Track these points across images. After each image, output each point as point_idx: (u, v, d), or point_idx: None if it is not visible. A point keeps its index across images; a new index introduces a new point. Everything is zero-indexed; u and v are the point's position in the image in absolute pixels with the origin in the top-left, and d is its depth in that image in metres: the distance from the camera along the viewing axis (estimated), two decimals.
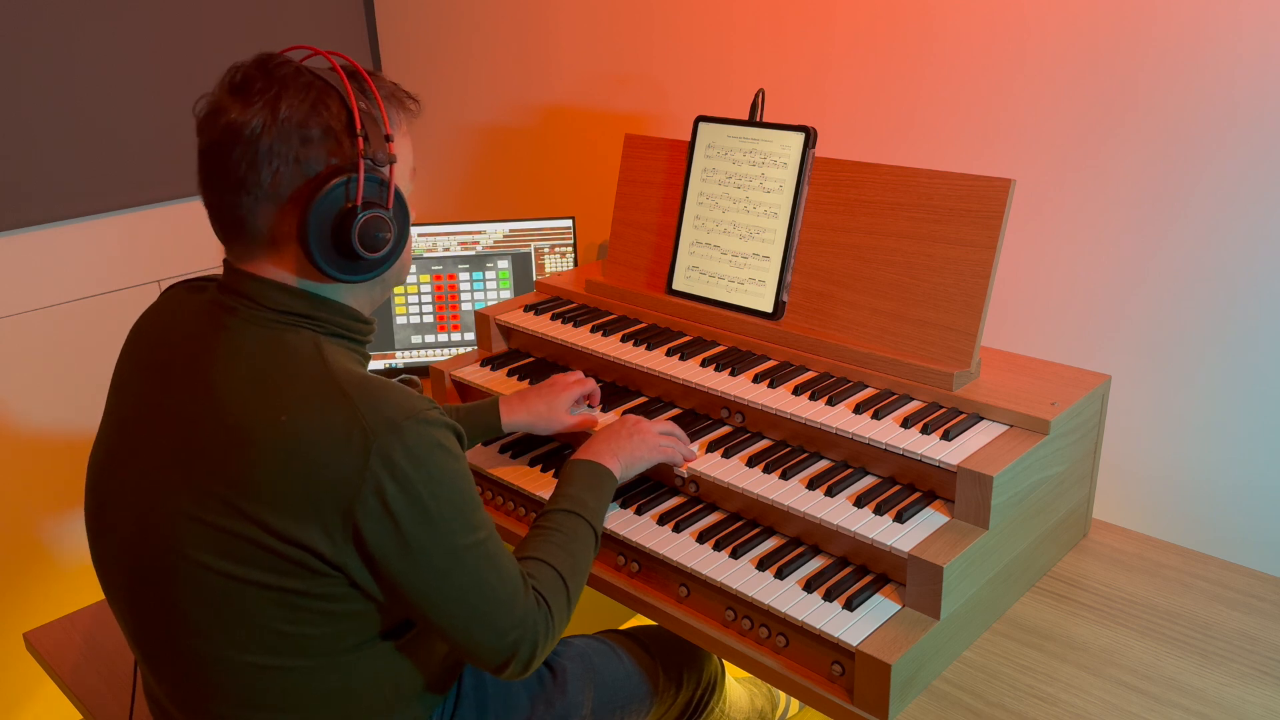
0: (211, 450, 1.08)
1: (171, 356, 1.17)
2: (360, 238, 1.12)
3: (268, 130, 1.08)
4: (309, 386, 1.08)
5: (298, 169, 1.10)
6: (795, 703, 1.89)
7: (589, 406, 1.68)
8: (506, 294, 2.37)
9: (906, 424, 1.44)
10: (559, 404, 1.62)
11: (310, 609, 1.10)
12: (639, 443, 1.48)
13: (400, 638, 1.21)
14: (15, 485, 2.42)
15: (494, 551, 1.16)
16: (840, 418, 1.47)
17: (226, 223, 1.14)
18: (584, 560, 1.32)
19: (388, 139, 1.15)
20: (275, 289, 1.14)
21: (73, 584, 2.53)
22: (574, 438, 1.71)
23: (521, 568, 1.22)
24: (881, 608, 1.30)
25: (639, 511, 1.53)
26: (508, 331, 1.96)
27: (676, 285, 1.80)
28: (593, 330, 1.82)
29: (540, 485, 1.61)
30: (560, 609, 1.23)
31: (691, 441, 1.56)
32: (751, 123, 1.72)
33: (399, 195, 1.16)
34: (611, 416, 1.66)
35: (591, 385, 1.67)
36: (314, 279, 1.15)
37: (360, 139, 1.11)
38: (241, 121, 1.08)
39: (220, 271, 1.22)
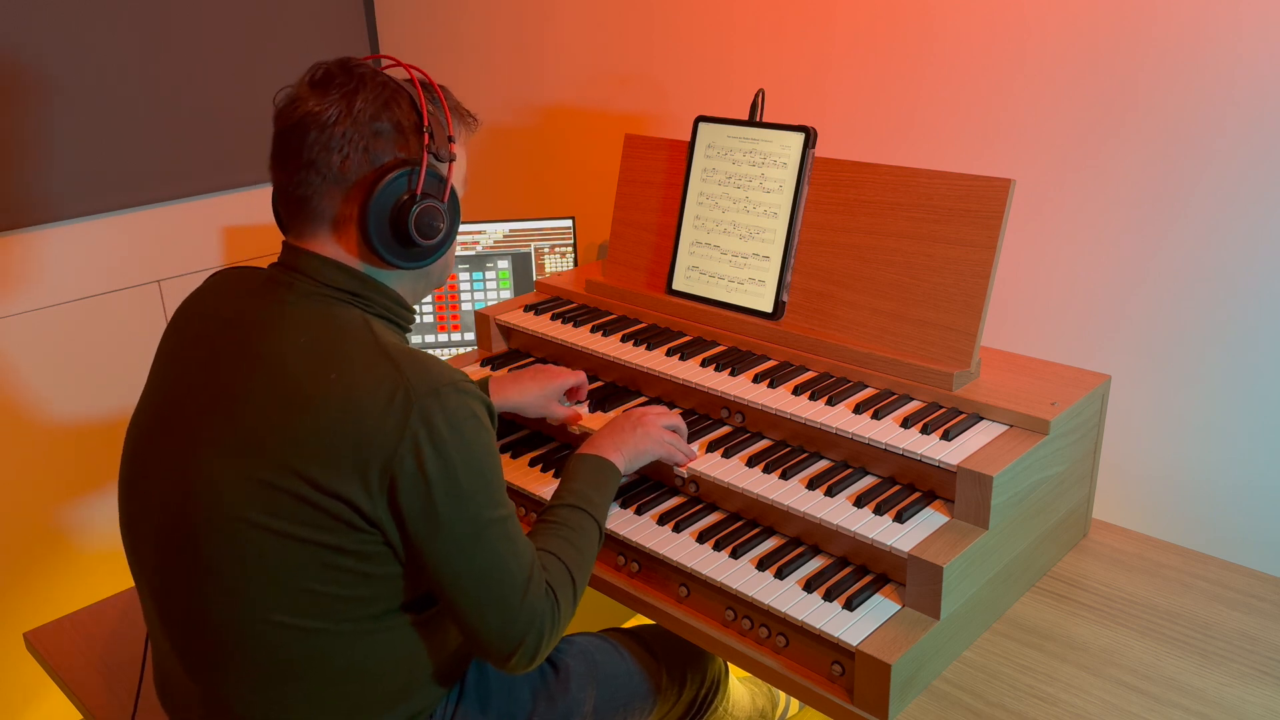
0: (262, 411, 1.13)
1: (224, 329, 1.23)
2: (416, 224, 1.20)
3: (343, 119, 1.17)
4: (358, 351, 1.15)
5: (366, 158, 1.19)
6: (795, 702, 1.89)
7: (576, 401, 1.69)
8: (506, 294, 2.37)
9: (906, 424, 1.44)
10: (551, 390, 1.66)
11: (344, 567, 1.14)
12: (643, 436, 1.49)
13: (421, 613, 1.24)
14: (16, 485, 2.42)
15: (513, 533, 1.19)
16: (840, 418, 1.47)
17: (292, 201, 1.22)
18: (590, 556, 1.33)
19: (450, 139, 1.26)
20: (331, 266, 1.22)
21: (73, 584, 2.54)
22: (572, 437, 1.71)
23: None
24: (881, 608, 1.30)
25: (639, 511, 1.53)
26: (508, 331, 1.96)
27: (676, 285, 1.80)
28: (593, 330, 1.82)
29: (540, 485, 1.61)
30: (567, 603, 1.25)
31: (691, 441, 1.56)
32: (751, 123, 1.72)
33: (454, 192, 1.26)
34: (610, 417, 1.66)
35: (583, 379, 1.69)
36: (369, 261, 1.23)
37: (426, 135, 1.21)
38: (319, 110, 1.18)
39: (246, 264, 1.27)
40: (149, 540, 1.22)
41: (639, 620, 2.10)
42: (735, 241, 1.72)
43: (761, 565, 1.38)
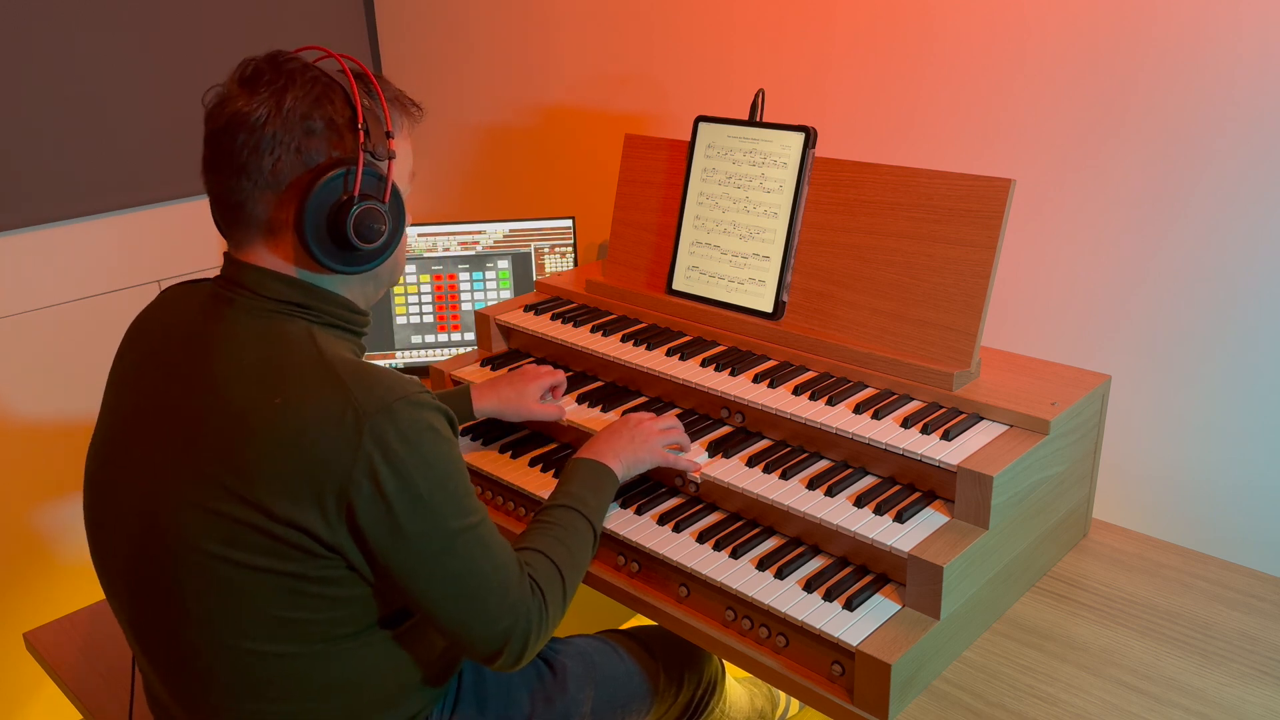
0: (210, 437, 1.10)
1: (170, 349, 1.19)
2: (355, 228, 1.14)
3: (272, 119, 1.11)
4: (303, 371, 1.10)
5: (299, 158, 1.13)
6: (795, 703, 1.89)
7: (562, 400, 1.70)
8: (506, 294, 2.37)
9: (906, 424, 1.44)
10: (528, 392, 1.66)
11: (309, 593, 1.11)
12: (640, 444, 1.48)
13: (399, 626, 1.22)
14: (16, 485, 2.42)
15: (486, 538, 1.16)
16: (840, 418, 1.47)
17: (226, 208, 1.17)
18: (581, 556, 1.32)
19: (388, 135, 1.19)
20: (272, 278, 1.16)
21: (73, 584, 2.53)
22: (573, 437, 1.71)
23: (518, 557, 1.22)
24: (881, 608, 1.30)
25: (639, 511, 1.53)
26: (508, 331, 1.96)
27: (676, 285, 1.80)
28: (593, 330, 1.82)
29: (540, 485, 1.61)
30: (555, 602, 1.23)
31: (691, 441, 1.56)
32: (751, 123, 1.72)
33: (395, 192, 1.19)
34: (611, 417, 1.66)
35: (561, 378, 1.70)
36: (309, 268, 1.18)
37: (361, 133, 1.15)
38: (247, 110, 1.12)
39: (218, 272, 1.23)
40: (118, 571, 1.21)
41: (638, 620, 2.10)
42: (735, 241, 1.72)
43: (761, 565, 1.38)
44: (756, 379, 1.59)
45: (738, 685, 1.80)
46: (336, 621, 1.15)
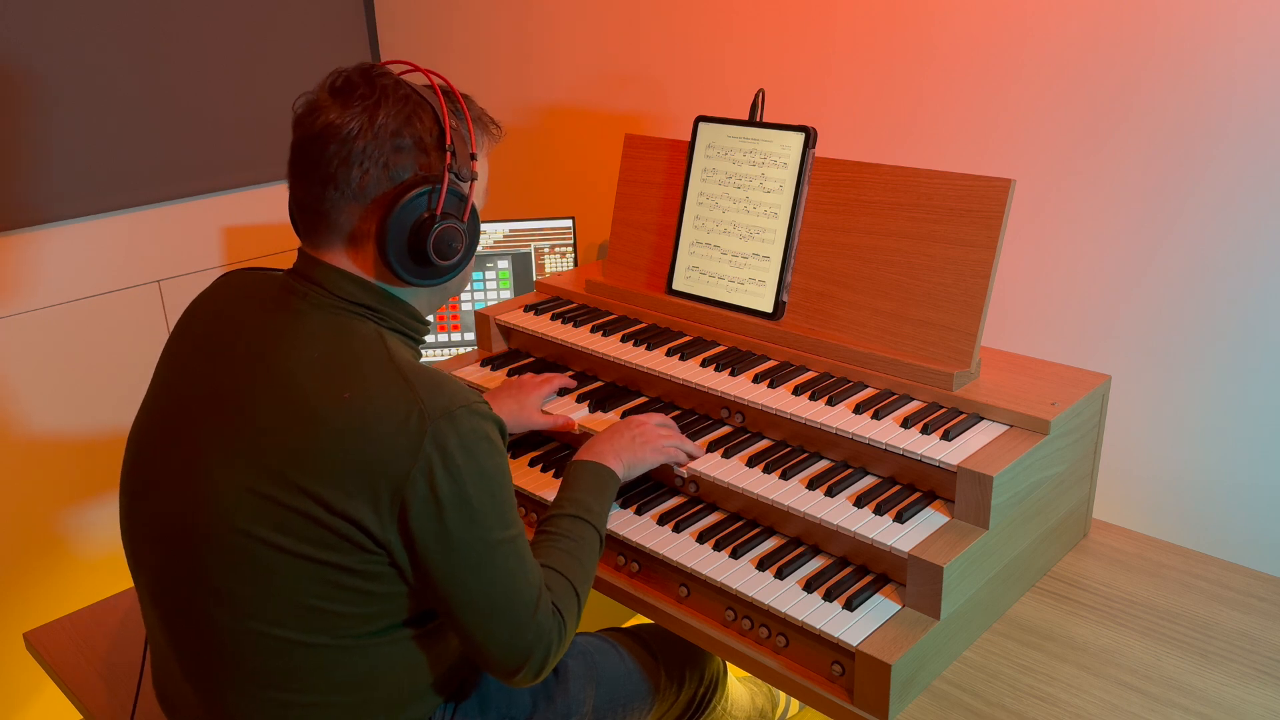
0: (273, 425, 1.12)
1: (235, 335, 1.21)
2: (435, 245, 1.18)
3: (363, 134, 1.15)
4: (373, 369, 1.13)
5: (385, 174, 1.16)
6: (795, 702, 1.89)
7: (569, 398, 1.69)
8: (506, 294, 2.37)
9: (906, 424, 1.44)
10: (529, 403, 1.65)
11: (347, 585, 1.13)
12: (641, 444, 1.48)
13: (421, 628, 1.23)
14: (16, 485, 2.42)
15: (523, 552, 1.19)
16: (840, 418, 1.47)
17: (310, 213, 1.20)
18: (591, 567, 1.33)
19: (472, 157, 1.23)
20: (347, 279, 1.20)
21: (73, 584, 2.53)
22: (571, 437, 1.71)
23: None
24: (881, 608, 1.30)
25: (639, 511, 1.53)
26: (508, 331, 1.96)
27: (676, 285, 1.80)
28: (593, 330, 1.82)
29: (540, 485, 1.61)
30: (572, 618, 1.25)
31: (691, 441, 1.56)
32: (751, 123, 1.72)
33: (474, 211, 1.24)
34: (611, 417, 1.66)
35: (561, 382, 1.69)
36: (386, 279, 1.21)
37: (449, 154, 1.18)
38: (340, 123, 1.15)
39: (263, 265, 1.27)
40: (151, 546, 1.21)
41: (638, 620, 2.10)
42: (735, 241, 1.72)
43: (761, 565, 1.38)
44: (756, 379, 1.59)
45: (739, 684, 1.81)
46: (368, 618, 1.16)
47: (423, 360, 1.23)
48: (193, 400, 1.20)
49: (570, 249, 2.36)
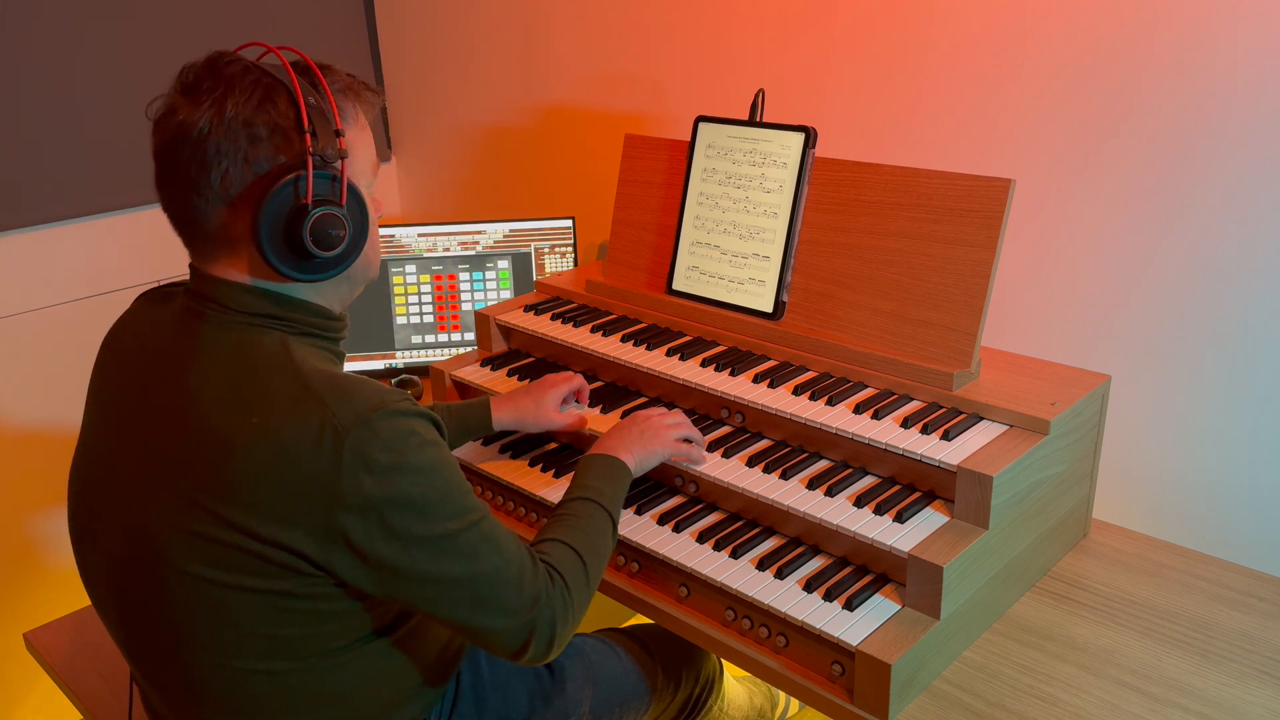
0: (190, 458, 1.08)
1: (146, 365, 1.17)
2: (313, 236, 1.10)
3: (215, 130, 1.07)
4: (278, 387, 1.07)
5: (247, 168, 1.08)
6: (795, 702, 1.89)
7: (577, 403, 1.68)
8: (506, 294, 2.37)
9: (906, 424, 1.44)
10: (546, 401, 1.62)
11: (297, 610, 1.10)
12: (652, 438, 1.47)
13: (390, 635, 1.21)
14: (15, 485, 2.42)
15: (490, 533, 1.14)
16: (840, 418, 1.47)
17: (183, 224, 1.14)
18: (601, 542, 1.30)
19: (338, 134, 1.13)
20: (242, 291, 1.13)
21: (73, 584, 2.52)
22: (572, 437, 1.71)
23: (534, 549, 1.21)
24: (881, 608, 1.30)
25: (639, 511, 1.53)
26: (508, 331, 1.96)
27: (676, 285, 1.80)
28: (593, 330, 1.81)
29: (540, 485, 1.61)
30: (579, 586, 1.21)
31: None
32: (751, 123, 1.72)
33: (354, 191, 1.15)
34: (611, 417, 1.66)
35: (579, 382, 1.67)
36: (272, 279, 1.14)
37: (308, 135, 1.09)
38: (190, 122, 1.08)
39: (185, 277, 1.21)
40: (105, 589, 1.19)
41: (637, 620, 2.10)
42: (735, 241, 1.72)
43: (761, 565, 1.38)
44: (756, 379, 1.59)
45: (736, 684, 1.80)
46: (327, 635, 1.14)
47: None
48: (118, 435, 1.17)
49: (570, 249, 2.36)
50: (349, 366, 2.24)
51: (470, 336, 2.37)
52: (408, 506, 1.06)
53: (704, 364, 1.65)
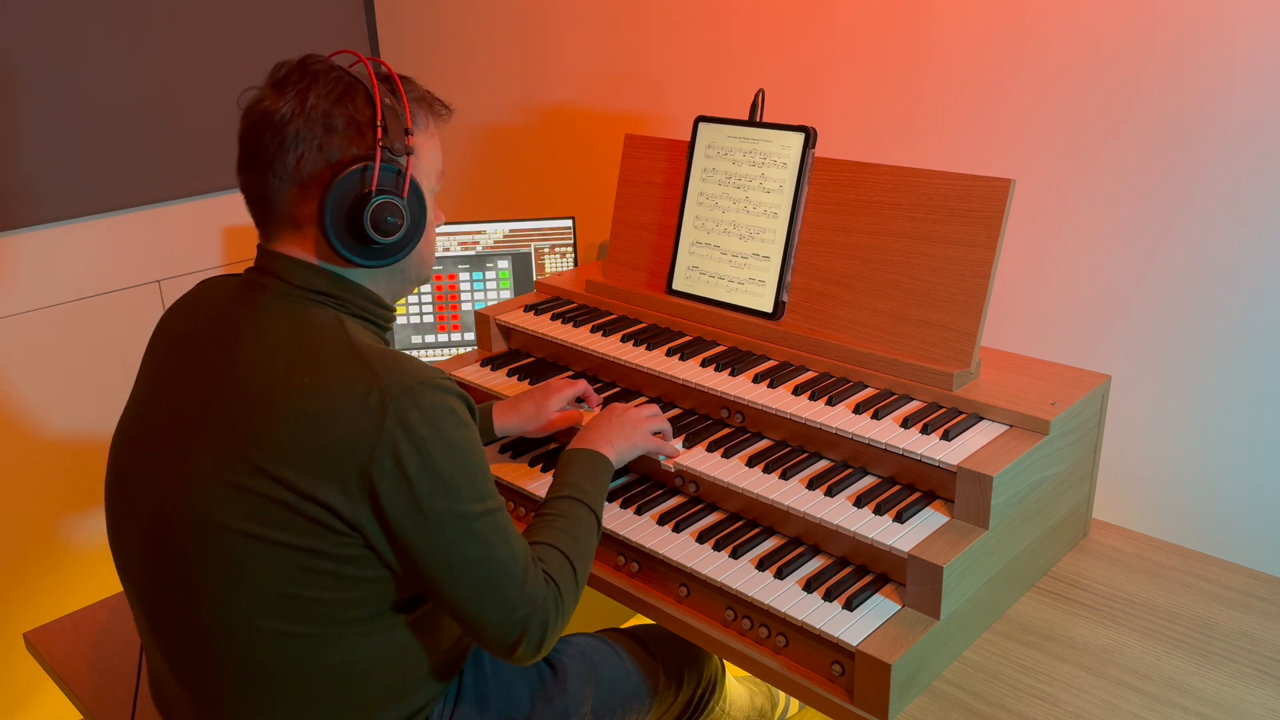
0: (236, 415, 1.13)
1: (201, 334, 1.23)
2: (373, 221, 1.18)
3: (295, 117, 1.17)
4: (331, 353, 1.14)
5: (320, 155, 1.18)
6: (795, 702, 1.89)
7: (585, 406, 1.68)
8: (506, 294, 2.37)
9: (906, 424, 1.44)
10: (549, 405, 1.64)
11: (323, 570, 1.13)
12: (630, 430, 1.49)
13: (409, 614, 1.23)
14: (16, 485, 2.42)
15: (505, 526, 1.18)
16: (840, 418, 1.47)
17: (258, 204, 1.23)
18: (588, 544, 1.33)
19: (407, 132, 1.22)
20: (302, 267, 1.21)
21: (73, 584, 2.53)
22: (570, 436, 1.71)
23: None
24: (881, 608, 1.30)
25: (639, 511, 1.53)
26: (508, 331, 1.96)
27: (676, 285, 1.80)
28: (593, 330, 1.82)
29: (539, 484, 1.61)
30: (569, 590, 1.25)
31: (692, 442, 1.56)
32: (751, 123, 1.72)
33: (415, 187, 1.23)
34: None
35: (584, 387, 1.68)
36: (333, 261, 1.22)
37: (379, 129, 1.19)
38: (274, 109, 1.17)
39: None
40: (135, 548, 1.22)
41: (638, 620, 2.10)
42: (735, 241, 1.72)
43: (761, 565, 1.38)
44: (756, 379, 1.59)
45: (737, 684, 1.80)
46: (348, 604, 1.16)
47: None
48: (167, 403, 1.22)
49: (570, 249, 2.36)
50: None
51: (470, 336, 2.37)
52: (435, 478, 1.11)
53: (704, 364, 1.66)
